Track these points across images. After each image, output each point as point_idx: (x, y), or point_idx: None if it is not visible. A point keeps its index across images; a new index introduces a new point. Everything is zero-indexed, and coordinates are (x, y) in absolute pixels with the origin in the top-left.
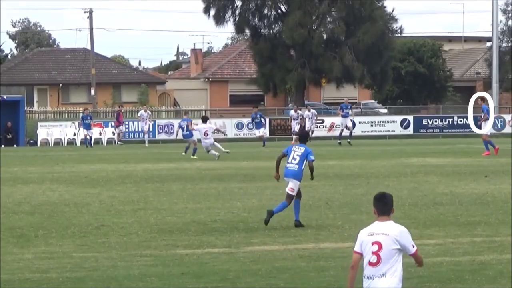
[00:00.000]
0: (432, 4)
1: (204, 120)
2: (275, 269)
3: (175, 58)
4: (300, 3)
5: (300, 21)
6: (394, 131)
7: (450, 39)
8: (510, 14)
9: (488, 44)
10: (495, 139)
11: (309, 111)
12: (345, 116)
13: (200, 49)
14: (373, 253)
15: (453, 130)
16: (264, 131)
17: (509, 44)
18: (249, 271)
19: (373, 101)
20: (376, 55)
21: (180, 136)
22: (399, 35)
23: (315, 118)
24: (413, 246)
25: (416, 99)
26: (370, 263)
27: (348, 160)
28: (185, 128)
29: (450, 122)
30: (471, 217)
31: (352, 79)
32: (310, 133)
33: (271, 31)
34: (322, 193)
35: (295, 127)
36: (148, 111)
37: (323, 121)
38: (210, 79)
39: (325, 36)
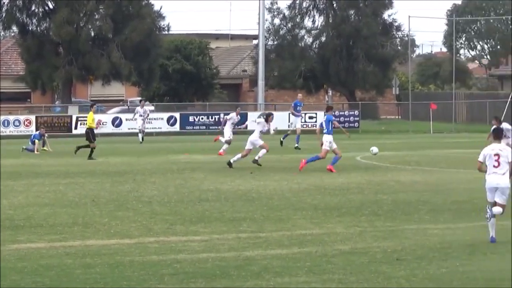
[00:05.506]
0: (199, 3)
1: None
2: (41, 266)
3: None
4: (67, 1)
5: (68, 18)
6: (160, 128)
7: (217, 37)
8: (275, 13)
9: (255, 42)
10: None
11: (142, 107)
12: (297, 115)
13: None
14: (495, 160)
15: (219, 127)
16: None
17: (275, 42)
18: (14, 269)
19: (140, 98)
20: (143, 52)
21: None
22: (166, 32)
23: (147, 115)
24: None
25: (183, 96)
26: (494, 166)
27: (115, 157)
28: None
29: (217, 119)
30: (236, 213)
31: (119, 77)
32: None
33: (38, 28)
34: (89, 190)
35: (141, 123)
36: None
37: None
38: None
39: (92, 34)
